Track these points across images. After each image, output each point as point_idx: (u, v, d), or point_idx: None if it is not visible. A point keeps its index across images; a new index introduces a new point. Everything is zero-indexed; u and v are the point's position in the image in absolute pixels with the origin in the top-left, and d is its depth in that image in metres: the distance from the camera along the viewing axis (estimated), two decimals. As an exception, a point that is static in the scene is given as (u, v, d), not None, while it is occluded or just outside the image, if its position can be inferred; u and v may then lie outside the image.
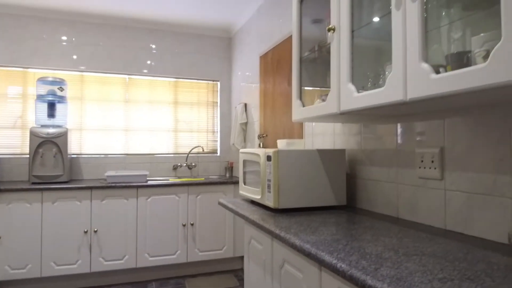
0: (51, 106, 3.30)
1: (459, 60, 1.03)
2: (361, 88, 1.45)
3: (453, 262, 0.94)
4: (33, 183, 3.06)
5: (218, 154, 4.12)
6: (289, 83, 2.72)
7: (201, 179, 3.65)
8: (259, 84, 3.31)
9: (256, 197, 1.83)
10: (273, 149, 1.70)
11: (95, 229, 3.04)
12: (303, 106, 1.79)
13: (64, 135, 3.19)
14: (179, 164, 3.93)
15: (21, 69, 3.49)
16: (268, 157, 1.71)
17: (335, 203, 1.77)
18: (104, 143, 3.72)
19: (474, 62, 0.98)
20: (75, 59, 3.62)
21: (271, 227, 1.38)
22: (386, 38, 1.25)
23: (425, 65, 1.05)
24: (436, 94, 1.00)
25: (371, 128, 1.76)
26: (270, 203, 1.69)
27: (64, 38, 3.59)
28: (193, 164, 3.99)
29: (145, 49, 3.87)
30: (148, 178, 3.66)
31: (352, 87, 1.39)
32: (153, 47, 3.90)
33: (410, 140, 1.52)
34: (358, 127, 1.86)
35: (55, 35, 3.57)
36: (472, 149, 1.24)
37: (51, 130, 3.17)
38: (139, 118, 3.85)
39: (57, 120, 3.31)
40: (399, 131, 1.58)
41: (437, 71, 1.04)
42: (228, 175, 3.91)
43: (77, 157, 3.59)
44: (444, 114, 1.36)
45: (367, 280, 0.83)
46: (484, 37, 1.03)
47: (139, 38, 3.85)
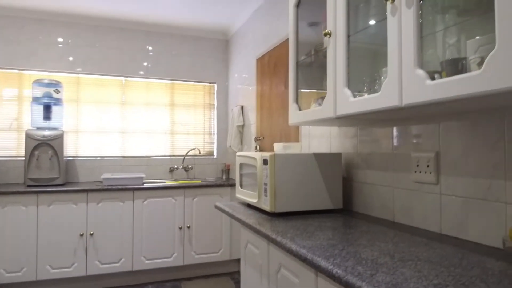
0: (47, 109, 3.28)
1: (454, 66, 1.03)
2: (357, 91, 1.46)
3: (448, 268, 0.95)
4: (29, 186, 3.04)
5: (215, 156, 4.12)
6: (286, 86, 2.72)
7: (198, 181, 3.65)
8: (255, 86, 3.32)
9: (253, 200, 1.83)
10: (270, 152, 1.70)
11: (91, 232, 3.02)
12: (300, 110, 1.79)
13: (60, 137, 3.18)
14: (176, 166, 3.92)
15: (17, 71, 3.47)
16: (265, 161, 1.71)
17: (331, 206, 1.77)
18: (100, 146, 3.71)
19: (469, 68, 0.99)
20: (71, 61, 3.61)
21: (268, 231, 1.38)
22: (382, 43, 1.26)
23: (420, 71, 1.05)
24: (431, 100, 1.00)
25: (367, 131, 1.77)
26: (266, 206, 1.69)
27: (60, 40, 3.58)
28: (190, 166, 3.98)
29: (142, 51, 3.87)
30: (144, 181, 3.65)
31: (348, 92, 1.40)
32: (150, 49, 3.89)
33: (405, 144, 1.53)
34: (355, 130, 1.87)
35: (51, 37, 3.56)
36: (467, 154, 1.25)
37: (46, 132, 3.15)
38: (135, 120, 3.84)
39: (53, 122, 3.30)
40: (395, 135, 1.59)
41: (432, 77, 1.05)
42: (224, 178, 3.91)
43: (73, 160, 3.58)
44: (439, 118, 1.37)
45: (363, 286, 0.83)
46: (479, 41, 1.04)
47: (135, 40, 3.84)
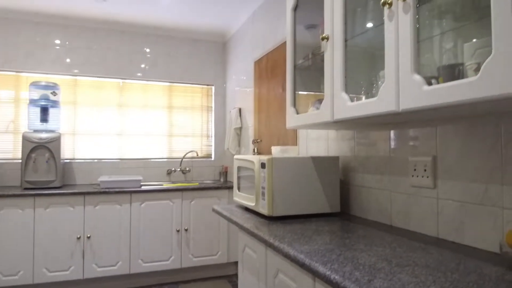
0: (44, 111, 3.27)
1: (451, 72, 1.04)
2: (354, 94, 1.46)
3: (445, 273, 0.95)
4: (26, 189, 3.03)
5: (213, 159, 4.11)
6: (284, 89, 2.72)
7: (195, 184, 3.64)
8: (253, 88, 3.32)
9: (250, 204, 1.83)
10: (267, 156, 1.70)
11: (88, 235, 3.01)
12: (297, 114, 1.79)
13: (57, 140, 3.17)
14: (173, 168, 3.92)
15: (14, 73, 3.46)
16: (262, 165, 1.71)
17: (329, 210, 1.77)
18: (98, 148, 3.70)
19: (466, 74, 1.00)
20: (68, 63, 3.60)
21: (265, 235, 1.38)
22: (379, 47, 1.26)
23: (417, 77, 1.06)
24: (428, 106, 1.01)
25: (365, 134, 1.77)
26: (264, 210, 1.69)
27: (58, 42, 3.57)
28: (187, 168, 3.97)
29: (139, 53, 3.86)
30: (142, 183, 3.64)
31: (345, 96, 1.40)
32: (147, 51, 3.89)
33: (403, 148, 1.53)
34: (352, 132, 1.87)
35: (49, 39, 3.55)
36: (464, 158, 1.25)
37: (43, 135, 3.14)
38: (133, 122, 3.84)
39: (50, 124, 3.29)
40: (392, 139, 1.59)
41: (429, 83, 1.05)
42: (222, 180, 3.90)
43: (70, 162, 3.56)
44: (436, 122, 1.37)
45: (360, 293, 0.83)
46: (476, 44, 1.04)
47: (133, 42, 3.84)
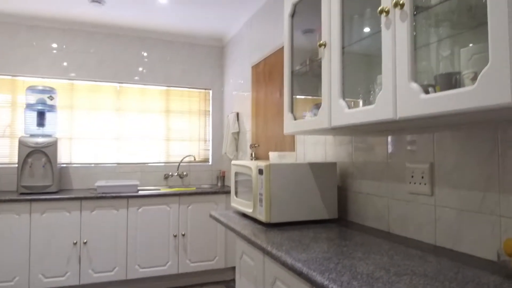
0: (41, 115, 3.26)
1: (448, 80, 1.04)
2: (352, 98, 1.47)
3: (443, 282, 0.95)
4: (22, 194, 3.01)
5: (210, 163, 4.11)
6: (281, 94, 2.73)
7: (193, 188, 3.63)
8: (251, 93, 3.32)
9: (248, 210, 1.83)
10: (265, 162, 1.70)
11: (85, 241, 2.99)
12: (295, 120, 1.79)
13: (53, 144, 3.15)
14: (171, 173, 3.90)
15: (10, 77, 3.44)
16: (260, 171, 1.71)
17: (326, 216, 1.77)
18: (95, 152, 3.68)
19: (462, 83, 1.00)
20: (65, 67, 3.59)
21: (263, 243, 1.37)
22: (376, 54, 1.26)
23: (414, 85, 1.06)
24: (425, 114, 1.01)
25: (362, 138, 1.78)
26: (261, 217, 1.68)
27: (55, 46, 3.56)
28: (185, 173, 3.96)
29: (137, 57, 3.86)
30: (139, 188, 3.63)
31: (343, 103, 1.40)
32: (145, 55, 3.89)
33: (400, 154, 1.53)
34: (350, 137, 1.87)
35: (45, 43, 3.54)
36: (461, 166, 1.25)
37: (40, 139, 3.12)
38: (130, 126, 3.83)
39: (46, 129, 3.27)
40: (389, 145, 1.60)
41: (426, 91, 1.05)
42: (220, 184, 3.89)
43: (67, 167, 3.55)
44: (433, 129, 1.37)
45: (358, 303, 0.83)
46: (472, 49, 1.05)
47: (130, 46, 3.83)
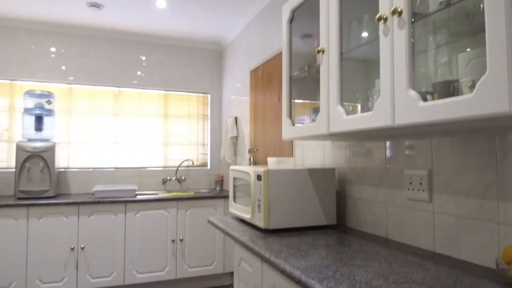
0: (39, 120, 3.25)
1: (446, 88, 1.04)
2: (349, 102, 1.47)
3: (442, 291, 0.94)
4: (19, 199, 2.99)
5: (208, 167, 4.10)
6: (279, 99, 2.73)
7: (191, 193, 3.62)
8: (249, 97, 3.32)
9: (246, 216, 1.82)
10: (263, 168, 1.69)
11: (82, 246, 2.98)
12: (293, 125, 1.79)
13: (51, 149, 3.14)
14: (169, 177, 3.89)
15: (8, 81, 3.44)
16: (258, 177, 1.70)
17: (325, 222, 1.76)
18: (93, 157, 3.67)
19: (461, 91, 1.00)
20: (63, 71, 3.59)
21: (261, 250, 1.37)
22: (375, 60, 1.26)
23: (412, 92, 1.06)
24: (423, 122, 1.01)
25: (361, 143, 1.78)
26: (260, 223, 1.68)
27: (53, 50, 3.56)
28: (183, 177, 3.95)
29: (135, 61, 3.85)
30: (137, 193, 3.62)
31: (341, 110, 1.40)
32: (143, 59, 3.89)
33: (398, 160, 1.53)
34: (348, 142, 1.87)
35: (44, 47, 3.53)
36: (459, 173, 1.25)
37: (38, 144, 3.11)
38: (128, 131, 3.82)
39: (44, 133, 3.27)
40: (388, 150, 1.60)
41: (424, 98, 1.05)
42: (218, 189, 3.89)
43: (65, 171, 3.53)
44: (432, 135, 1.37)
45: (357, 313, 0.82)
46: (470, 54, 1.05)
47: (128, 50, 3.83)
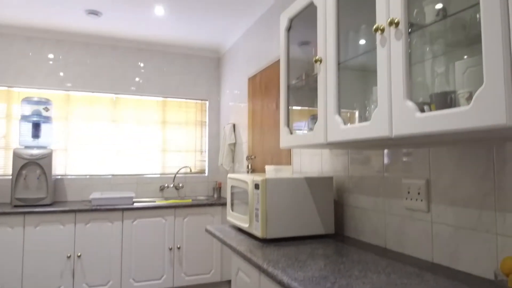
0: (36, 127, 3.24)
1: (443, 100, 1.04)
2: (347, 111, 1.47)
3: (441, 304, 0.94)
4: (15, 206, 2.97)
5: (206, 174, 4.09)
6: (277, 106, 2.73)
7: (189, 200, 3.60)
8: (247, 104, 3.32)
9: (244, 225, 1.81)
10: (261, 177, 1.69)
11: (79, 254, 2.95)
12: (291, 134, 1.79)
13: (48, 156, 3.13)
14: (166, 184, 3.88)
15: (6, 88, 3.43)
16: (256, 186, 1.70)
17: (323, 231, 1.76)
18: (90, 164, 3.65)
19: (458, 103, 1.00)
20: (61, 78, 3.58)
21: (259, 260, 1.36)
22: (372, 70, 1.27)
23: (410, 103, 1.06)
24: (420, 133, 1.01)
25: (359, 151, 1.78)
26: (258, 232, 1.67)
27: (51, 57, 3.56)
28: (181, 184, 3.94)
29: (133, 68, 3.86)
30: (134, 200, 3.60)
31: (339, 119, 1.40)
32: (141, 65, 3.89)
33: (396, 170, 1.53)
34: (346, 150, 1.87)
35: (41, 54, 3.53)
36: (457, 183, 1.25)
37: (35, 151, 3.10)
38: (126, 138, 3.81)
39: (41, 141, 3.25)
40: (386, 159, 1.59)
41: (421, 109, 1.05)
42: (216, 196, 3.87)
43: (62, 178, 3.52)
44: (429, 144, 1.37)
45: (355, 327, 0.82)
46: (467, 62, 1.05)
47: (127, 57, 3.84)
